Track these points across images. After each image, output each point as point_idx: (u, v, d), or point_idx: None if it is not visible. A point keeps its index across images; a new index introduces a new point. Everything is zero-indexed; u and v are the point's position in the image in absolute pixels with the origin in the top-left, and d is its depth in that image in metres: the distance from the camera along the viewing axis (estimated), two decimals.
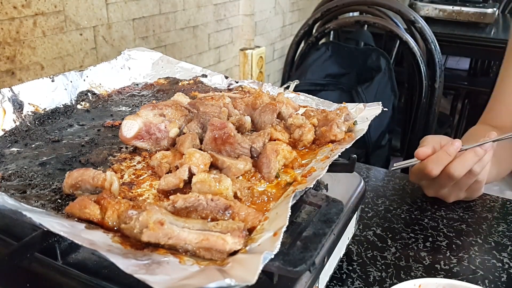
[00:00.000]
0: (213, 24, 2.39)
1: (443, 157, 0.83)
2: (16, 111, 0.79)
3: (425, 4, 2.85)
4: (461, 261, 0.74)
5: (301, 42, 1.88)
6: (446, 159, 0.83)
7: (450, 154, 0.83)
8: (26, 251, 0.46)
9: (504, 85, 1.13)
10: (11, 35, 1.36)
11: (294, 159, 0.64)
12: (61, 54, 1.53)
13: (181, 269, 0.43)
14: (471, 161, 0.82)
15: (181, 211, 0.52)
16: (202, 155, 0.59)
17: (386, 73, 1.73)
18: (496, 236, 0.81)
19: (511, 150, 1.08)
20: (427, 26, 1.63)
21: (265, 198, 0.58)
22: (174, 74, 1.03)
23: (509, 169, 1.09)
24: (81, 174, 0.57)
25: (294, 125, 0.72)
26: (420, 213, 0.88)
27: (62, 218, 0.51)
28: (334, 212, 0.54)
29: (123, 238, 0.48)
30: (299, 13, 3.30)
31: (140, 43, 1.89)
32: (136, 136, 0.68)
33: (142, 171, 0.64)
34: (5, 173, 0.63)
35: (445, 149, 0.84)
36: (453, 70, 3.66)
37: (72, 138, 0.76)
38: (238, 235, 0.46)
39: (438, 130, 2.24)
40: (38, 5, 1.42)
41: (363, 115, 0.76)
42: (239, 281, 0.40)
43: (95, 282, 0.49)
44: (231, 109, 0.76)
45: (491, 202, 0.92)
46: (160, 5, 1.96)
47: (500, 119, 1.12)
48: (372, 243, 0.78)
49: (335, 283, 0.69)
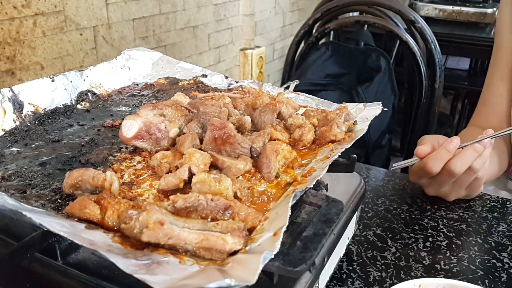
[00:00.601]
0: (213, 24, 2.39)
1: (443, 154, 0.83)
2: (16, 111, 0.79)
3: (425, 4, 2.85)
4: (461, 261, 0.74)
5: (301, 42, 1.88)
6: (446, 156, 0.83)
7: (449, 151, 0.83)
8: (26, 251, 0.46)
9: (490, 87, 1.15)
10: (11, 35, 1.36)
11: (294, 159, 0.64)
12: (61, 54, 1.53)
13: (181, 269, 0.43)
14: (471, 157, 0.82)
15: (181, 211, 0.52)
16: (202, 155, 0.59)
17: (386, 73, 1.73)
18: (496, 236, 0.81)
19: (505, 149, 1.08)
20: (427, 26, 1.63)
21: (265, 198, 0.58)
22: (174, 74, 1.03)
23: (503, 169, 1.10)
24: (81, 174, 0.57)
25: (294, 125, 0.72)
26: (420, 213, 0.88)
27: (62, 218, 0.51)
28: (334, 212, 0.54)
29: (123, 238, 0.48)
30: (299, 13, 3.30)
31: (140, 43, 1.89)
32: (136, 136, 0.68)
33: (142, 171, 0.64)
34: (5, 173, 0.63)
35: (445, 146, 0.84)
36: (453, 70, 3.66)
37: (72, 138, 0.76)
38: (238, 235, 0.46)
39: (438, 130, 2.24)
40: (38, 5, 1.42)
41: (363, 115, 0.76)
42: (239, 281, 0.40)
43: (95, 282, 0.49)
44: (231, 109, 0.76)
45: (491, 202, 0.92)
46: (160, 5, 1.96)
47: (488, 121, 1.13)
48: (372, 243, 0.78)
49: (335, 283, 0.69)
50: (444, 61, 3.60)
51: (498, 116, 1.12)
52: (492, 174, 1.03)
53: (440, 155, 0.83)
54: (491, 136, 0.82)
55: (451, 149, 0.83)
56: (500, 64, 1.13)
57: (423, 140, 0.91)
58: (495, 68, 1.14)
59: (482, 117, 1.16)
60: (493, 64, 1.15)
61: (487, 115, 1.15)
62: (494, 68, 1.14)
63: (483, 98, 1.18)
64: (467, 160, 0.82)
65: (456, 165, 0.82)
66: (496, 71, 1.14)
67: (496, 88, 1.13)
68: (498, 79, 1.13)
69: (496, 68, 1.14)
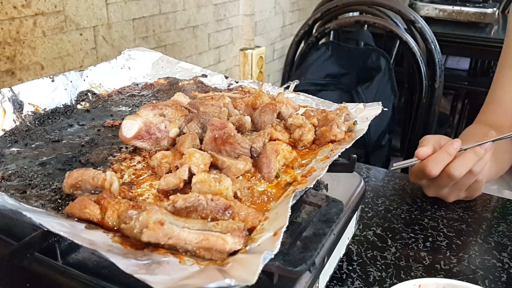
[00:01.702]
0: (213, 24, 2.39)
1: (443, 157, 0.83)
2: (16, 111, 0.79)
3: (425, 4, 2.85)
4: (461, 261, 0.74)
5: (301, 42, 1.88)
6: (446, 159, 0.83)
7: (450, 154, 0.83)
8: (26, 251, 0.46)
9: (499, 84, 1.14)
10: (11, 35, 1.36)
11: (294, 159, 0.64)
12: (61, 54, 1.53)
13: (181, 269, 0.43)
14: (471, 161, 0.82)
15: (181, 211, 0.52)
16: (202, 155, 0.59)
17: (386, 73, 1.73)
18: (496, 236, 0.81)
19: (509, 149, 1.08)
20: (427, 26, 1.63)
21: (265, 198, 0.58)
22: (174, 74, 1.03)
23: (506, 168, 1.10)
24: (81, 174, 0.57)
25: (294, 125, 0.72)
26: (420, 213, 0.88)
27: (62, 218, 0.51)
28: (334, 212, 0.54)
29: (123, 238, 0.48)
30: (299, 13, 3.30)
31: (140, 43, 1.89)
32: (136, 136, 0.68)
33: (142, 171, 0.64)
34: (5, 173, 0.63)
35: (445, 148, 0.84)
36: (453, 70, 3.66)
37: (72, 138, 0.76)
38: (238, 235, 0.46)
39: (438, 130, 2.24)
40: (38, 5, 1.42)
41: (363, 115, 0.76)
42: (239, 281, 0.40)
43: (95, 282, 0.49)
44: (231, 109, 0.76)
45: (491, 202, 0.92)
46: (160, 5, 1.96)
47: (495, 118, 1.12)
48: (372, 243, 0.78)
49: (335, 283, 0.69)
50: (444, 61, 3.60)
51: (505, 114, 1.11)
52: (491, 175, 1.03)
53: (440, 158, 0.83)
54: (493, 140, 0.82)
55: (452, 152, 0.83)
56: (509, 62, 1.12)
57: (424, 141, 0.90)
58: (504, 65, 1.13)
59: (489, 114, 1.15)
60: (502, 62, 1.14)
61: (494, 112, 1.14)
62: (504, 66, 1.13)
63: (491, 95, 1.16)
64: (467, 163, 0.82)
65: (456, 168, 0.82)
66: (506, 68, 1.13)
67: (504, 86, 1.12)
68: (507, 76, 1.12)
69: (506, 65, 1.13)
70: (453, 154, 0.83)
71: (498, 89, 1.14)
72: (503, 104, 1.12)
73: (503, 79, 1.13)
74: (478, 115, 1.19)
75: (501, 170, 1.07)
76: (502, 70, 1.14)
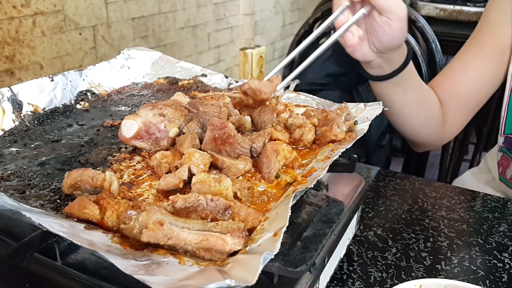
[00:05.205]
0: (213, 23, 2.39)
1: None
2: (15, 111, 0.78)
3: (426, 3, 2.85)
4: (462, 262, 0.74)
5: (301, 41, 1.88)
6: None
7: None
8: (25, 251, 0.46)
9: (460, 57, 1.11)
10: (10, 35, 1.35)
11: (294, 159, 0.64)
12: (60, 54, 1.53)
13: (181, 270, 0.43)
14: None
15: (181, 212, 0.52)
16: (202, 155, 0.59)
17: None
18: (497, 236, 0.81)
19: (433, 100, 1.08)
20: (428, 26, 1.63)
21: (265, 198, 0.57)
22: (174, 73, 1.03)
23: (430, 118, 1.09)
24: (81, 174, 0.57)
25: (294, 125, 0.72)
26: (421, 213, 0.88)
27: (61, 218, 0.51)
28: (334, 212, 0.54)
29: (122, 239, 0.48)
30: (299, 12, 3.30)
31: (139, 43, 1.88)
32: (136, 136, 0.68)
33: (141, 171, 0.64)
34: (4, 173, 0.63)
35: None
36: None
37: (71, 138, 0.76)
38: (238, 236, 0.46)
39: None
40: (38, 4, 1.41)
41: (364, 115, 0.76)
42: (239, 281, 0.39)
43: (94, 282, 0.49)
44: (231, 109, 0.76)
45: (492, 202, 0.92)
46: (159, 4, 1.95)
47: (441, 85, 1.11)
48: (372, 243, 0.78)
49: (335, 284, 0.68)
50: (445, 61, 3.59)
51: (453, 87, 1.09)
52: (408, 104, 1.04)
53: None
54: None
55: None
56: (478, 39, 1.09)
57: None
58: (472, 42, 1.10)
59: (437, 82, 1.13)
60: (471, 39, 1.11)
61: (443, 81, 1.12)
62: (471, 43, 1.11)
63: (446, 67, 1.15)
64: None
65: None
66: (472, 46, 1.10)
67: (464, 61, 1.10)
68: (470, 53, 1.10)
69: (473, 42, 1.10)
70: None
71: (456, 61, 1.12)
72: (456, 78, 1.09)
73: (464, 54, 1.11)
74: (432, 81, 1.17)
75: (418, 107, 1.07)
76: (468, 47, 1.11)
